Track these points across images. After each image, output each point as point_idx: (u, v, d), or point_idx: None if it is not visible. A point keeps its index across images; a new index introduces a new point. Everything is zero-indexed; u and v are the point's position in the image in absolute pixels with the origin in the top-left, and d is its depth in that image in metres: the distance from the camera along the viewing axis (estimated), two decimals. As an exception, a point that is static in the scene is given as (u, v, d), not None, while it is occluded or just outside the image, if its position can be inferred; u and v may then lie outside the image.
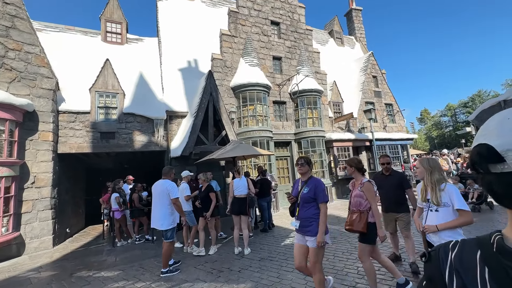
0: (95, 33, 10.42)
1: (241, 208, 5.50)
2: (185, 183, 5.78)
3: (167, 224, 4.22)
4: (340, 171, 12.12)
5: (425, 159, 2.53)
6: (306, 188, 2.90)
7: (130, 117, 8.64)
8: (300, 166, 2.95)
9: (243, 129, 9.97)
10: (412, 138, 15.07)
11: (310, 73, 11.71)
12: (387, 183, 3.86)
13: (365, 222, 2.90)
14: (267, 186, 7.12)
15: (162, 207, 4.17)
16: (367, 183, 3.00)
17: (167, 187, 4.17)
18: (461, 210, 2.21)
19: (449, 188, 2.31)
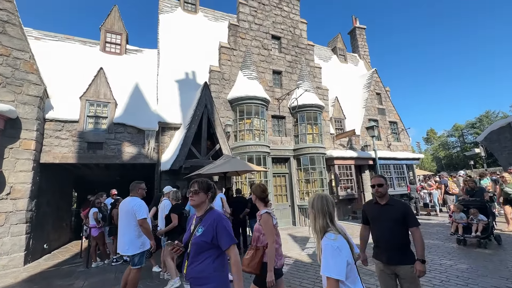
0: (94, 43, 10.38)
1: None
2: (167, 199, 5.27)
3: (134, 249, 3.68)
4: (341, 191, 11.45)
5: (313, 197, 1.87)
6: (200, 228, 1.93)
7: (121, 128, 8.32)
8: (192, 194, 2.02)
9: (239, 143, 9.53)
10: (418, 158, 14.41)
11: (311, 88, 11.40)
12: (383, 216, 2.60)
13: (259, 261, 2.39)
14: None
15: (128, 229, 3.64)
16: (265, 215, 2.52)
17: (133, 206, 3.67)
18: (326, 276, 1.55)
19: (323, 243, 1.68)
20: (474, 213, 5.95)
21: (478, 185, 6.99)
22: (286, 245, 7.16)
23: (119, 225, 3.66)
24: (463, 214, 6.26)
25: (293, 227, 10.17)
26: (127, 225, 3.66)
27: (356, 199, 12.14)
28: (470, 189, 6.81)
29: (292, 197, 10.72)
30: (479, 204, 6.15)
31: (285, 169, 11.08)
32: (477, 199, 6.32)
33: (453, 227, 6.22)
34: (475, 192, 6.64)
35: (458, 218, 6.21)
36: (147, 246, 3.79)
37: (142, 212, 3.75)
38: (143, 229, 3.75)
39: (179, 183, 8.70)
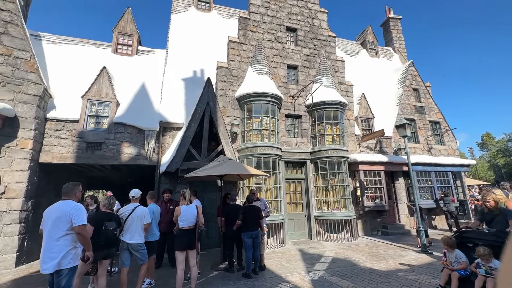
0: (107, 45, 10.46)
1: (190, 241, 4.16)
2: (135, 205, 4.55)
3: (66, 263, 2.96)
4: (367, 201, 9.83)
5: None
6: None
7: (121, 127, 8.01)
8: None
9: (246, 144, 8.64)
10: (468, 165, 12.00)
11: (331, 84, 10.10)
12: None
13: None
14: (253, 216, 5.47)
15: (58, 240, 2.94)
16: None
17: (69, 211, 2.97)
18: None
19: None
20: (484, 254, 3.28)
21: (502, 205, 3.81)
22: (290, 264, 6.03)
23: (44, 236, 2.98)
24: (462, 253, 3.74)
25: (309, 241, 8.89)
26: (55, 235, 2.96)
27: (387, 211, 10.37)
28: (487, 211, 3.89)
29: (308, 206, 9.45)
30: (495, 240, 3.38)
31: (301, 174, 9.86)
32: (493, 231, 3.54)
33: (443, 276, 3.83)
34: (495, 216, 3.78)
35: (453, 260, 3.78)
36: (77, 261, 3.06)
37: (82, 217, 3.05)
38: (81, 237, 3.05)
39: (179, 186, 8.11)
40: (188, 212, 4.33)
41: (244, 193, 8.44)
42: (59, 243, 2.94)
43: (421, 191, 10.82)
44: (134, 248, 4.07)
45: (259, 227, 5.50)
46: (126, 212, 4.17)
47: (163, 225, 5.69)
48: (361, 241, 8.84)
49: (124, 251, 4.05)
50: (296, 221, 9.40)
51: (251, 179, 8.45)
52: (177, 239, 4.27)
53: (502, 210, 3.77)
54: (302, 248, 7.79)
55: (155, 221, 4.86)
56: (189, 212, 4.33)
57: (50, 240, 2.93)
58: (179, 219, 4.28)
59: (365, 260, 6.29)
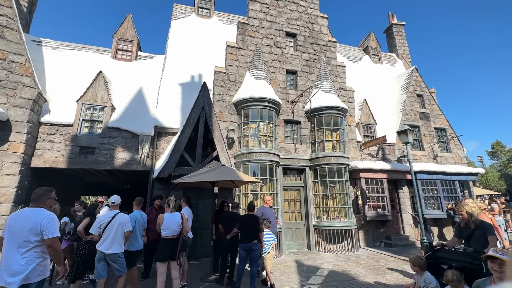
0: (107, 51, 10.52)
1: (173, 251, 3.92)
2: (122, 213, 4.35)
3: (35, 276, 2.74)
4: (369, 210, 9.43)
5: None
6: None
7: (115, 132, 7.91)
8: None
9: (242, 150, 8.43)
10: (476, 173, 11.50)
11: (331, 89, 9.88)
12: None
13: None
14: (249, 226, 5.05)
15: (24, 252, 2.71)
16: None
17: (40, 221, 2.73)
18: None
19: None
20: (452, 280, 2.73)
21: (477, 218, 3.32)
22: (283, 277, 5.69)
23: (7, 246, 2.76)
24: (432, 277, 3.15)
25: (307, 252, 8.51)
26: (23, 247, 2.74)
27: (390, 221, 9.93)
28: (463, 225, 3.41)
29: (307, 215, 9.10)
30: (470, 262, 2.82)
31: (300, 182, 9.56)
32: (470, 251, 2.95)
33: None
34: (473, 232, 3.28)
35: (421, 285, 3.24)
36: (47, 273, 2.84)
37: (54, 229, 2.83)
38: (51, 251, 2.82)
39: (172, 193, 7.89)
40: (172, 220, 4.10)
41: (241, 200, 8.18)
42: (28, 255, 2.70)
43: (426, 201, 10.36)
44: (112, 259, 3.83)
45: (255, 239, 5.03)
46: (105, 219, 3.96)
47: (152, 233, 5.46)
48: (362, 252, 8.42)
49: (101, 261, 3.81)
50: (294, 230, 9.05)
51: (247, 186, 8.21)
52: (159, 249, 4.04)
53: (479, 225, 3.26)
54: (299, 259, 7.43)
55: (139, 229, 4.64)
56: (172, 220, 4.11)
57: (15, 251, 2.70)
58: (162, 227, 4.06)
59: (364, 274, 5.91)
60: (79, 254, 4.31)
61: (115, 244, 3.90)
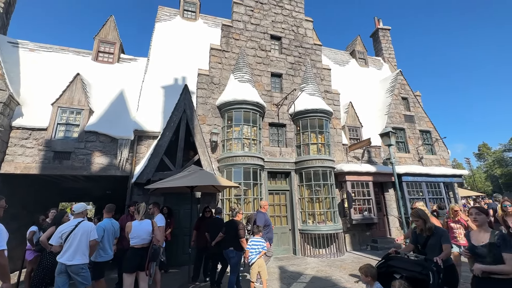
0: (88, 53, 10.25)
1: (142, 262, 3.71)
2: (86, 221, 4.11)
3: None
4: (355, 213, 9.37)
5: None
6: None
7: (93, 136, 7.64)
8: None
9: (226, 154, 8.26)
10: (460, 175, 11.62)
11: (316, 92, 9.85)
12: None
13: None
14: (229, 232, 4.97)
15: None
16: None
17: None
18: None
19: None
20: None
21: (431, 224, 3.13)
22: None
23: None
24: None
25: (292, 257, 8.35)
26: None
27: (376, 224, 9.89)
28: (419, 231, 3.20)
29: (293, 219, 8.97)
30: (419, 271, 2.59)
31: (286, 185, 9.44)
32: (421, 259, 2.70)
33: None
34: (427, 238, 3.09)
35: None
36: None
37: (0, 241, 2.63)
38: None
39: (153, 198, 7.65)
40: (141, 228, 3.90)
41: (224, 205, 8.00)
42: None
43: (411, 202, 10.37)
44: (74, 271, 3.58)
45: (231, 246, 4.87)
46: (66, 228, 3.72)
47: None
48: (348, 256, 8.32)
49: (61, 274, 3.55)
50: (280, 235, 8.89)
51: (230, 190, 8.04)
52: (126, 259, 3.82)
53: (434, 231, 3.05)
54: (283, 265, 7.27)
55: (107, 238, 4.40)
56: (141, 228, 3.90)
57: None
58: (130, 236, 3.85)
59: (347, 279, 5.79)
60: (41, 266, 4.05)
61: (78, 254, 3.66)
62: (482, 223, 2.73)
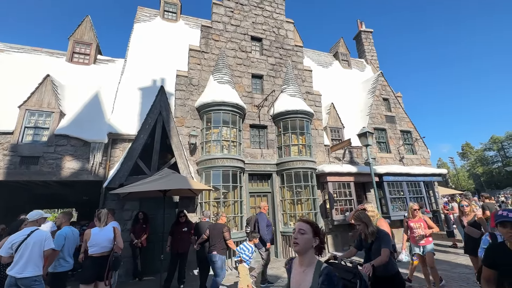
0: (62, 54, 9.90)
1: (101, 271, 3.50)
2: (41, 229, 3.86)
3: None
4: (337, 214, 9.37)
5: None
6: None
7: (63, 140, 7.33)
8: None
9: (205, 156, 8.10)
10: (440, 174, 11.86)
11: (297, 93, 9.85)
12: None
13: None
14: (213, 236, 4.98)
15: None
16: None
17: None
18: None
19: None
20: None
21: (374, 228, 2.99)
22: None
23: None
24: None
25: (274, 260, 8.24)
26: None
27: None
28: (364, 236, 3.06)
29: (274, 221, 8.87)
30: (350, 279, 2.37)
31: (267, 188, 9.35)
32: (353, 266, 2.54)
33: None
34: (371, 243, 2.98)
35: None
36: None
37: None
38: None
39: (128, 204, 7.41)
40: (101, 235, 3.70)
41: (202, 209, 7.81)
42: None
43: (393, 202, 10.48)
44: (26, 284, 3.33)
45: (215, 250, 4.86)
46: (17, 238, 3.48)
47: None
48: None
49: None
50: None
51: (209, 193, 7.87)
52: (84, 269, 3.61)
53: (377, 235, 2.89)
54: (262, 268, 7.13)
55: (67, 248, 4.16)
56: (101, 236, 3.71)
57: None
58: (89, 244, 3.64)
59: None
60: (-7, 279, 3.77)
61: (30, 265, 3.42)
62: None
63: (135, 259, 6.71)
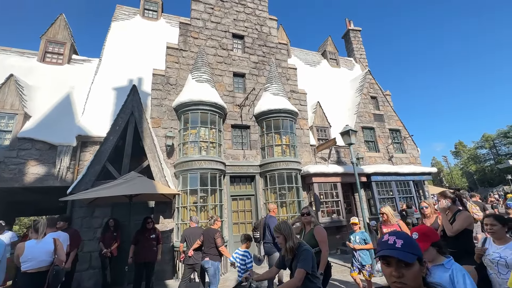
0: (34, 54, 9.43)
1: None
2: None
3: None
4: (323, 216, 9.02)
5: None
6: None
7: (28, 143, 6.86)
8: None
9: (182, 158, 7.69)
10: (429, 172, 11.60)
11: (281, 91, 9.51)
12: None
13: None
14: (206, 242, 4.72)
15: None
16: None
17: None
18: None
19: None
20: None
21: (294, 243, 2.46)
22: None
23: None
24: None
25: (256, 267, 7.81)
26: None
27: (346, 226, 9.57)
28: (284, 253, 2.56)
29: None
30: None
31: (251, 190, 8.96)
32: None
33: None
34: (292, 260, 2.49)
35: None
36: None
37: None
38: None
39: (99, 210, 6.96)
40: (37, 248, 3.27)
41: (180, 214, 7.38)
42: None
43: (382, 203, 10.17)
44: None
45: (207, 256, 4.57)
46: None
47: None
48: (315, 262, 7.89)
49: None
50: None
51: (186, 197, 7.46)
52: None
53: (296, 251, 2.41)
54: (242, 276, 6.73)
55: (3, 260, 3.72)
56: (38, 249, 3.28)
57: None
58: (21, 259, 3.20)
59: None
60: None
61: None
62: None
63: (104, 270, 6.24)
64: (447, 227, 2.86)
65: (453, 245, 2.71)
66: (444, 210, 3.02)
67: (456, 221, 2.83)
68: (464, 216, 2.83)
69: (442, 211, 3.03)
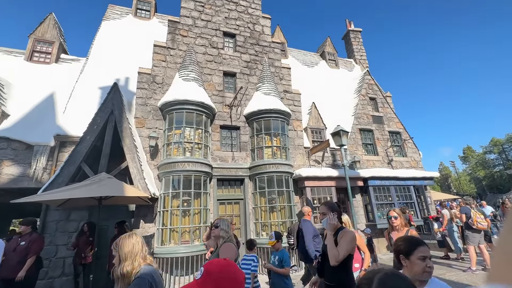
0: (21, 53, 9.28)
1: None
2: None
3: None
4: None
5: None
6: None
7: (3, 143, 6.62)
8: None
9: (165, 160, 7.33)
10: (431, 177, 11.00)
11: (273, 91, 9.13)
12: None
13: None
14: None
15: None
16: None
17: None
18: None
19: None
20: None
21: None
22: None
23: None
24: None
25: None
26: None
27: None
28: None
29: (247, 229, 8.04)
30: None
31: (240, 194, 8.53)
32: None
33: None
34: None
35: None
36: None
37: None
38: None
39: (75, 213, 6.63)
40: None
41: (162, 218, 6.98)
42: None
43: (380, 209, 9.63)
44: None
45: None
46: None
47: (4, 269, 4.23)
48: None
49: None
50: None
51: (168, 200, 7.08)
52: None
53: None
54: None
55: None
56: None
57: None
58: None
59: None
60: None
61: None
62: None
63: (76, 277, 5.89)
64: (332, 252, 2.14)
65: (331, 277, 2.14)
66: (332, 227, 2.29)
67: (340, 245, 2.17)
68: (350, 238, 2.19)
69: (330, 228, 2.30)
